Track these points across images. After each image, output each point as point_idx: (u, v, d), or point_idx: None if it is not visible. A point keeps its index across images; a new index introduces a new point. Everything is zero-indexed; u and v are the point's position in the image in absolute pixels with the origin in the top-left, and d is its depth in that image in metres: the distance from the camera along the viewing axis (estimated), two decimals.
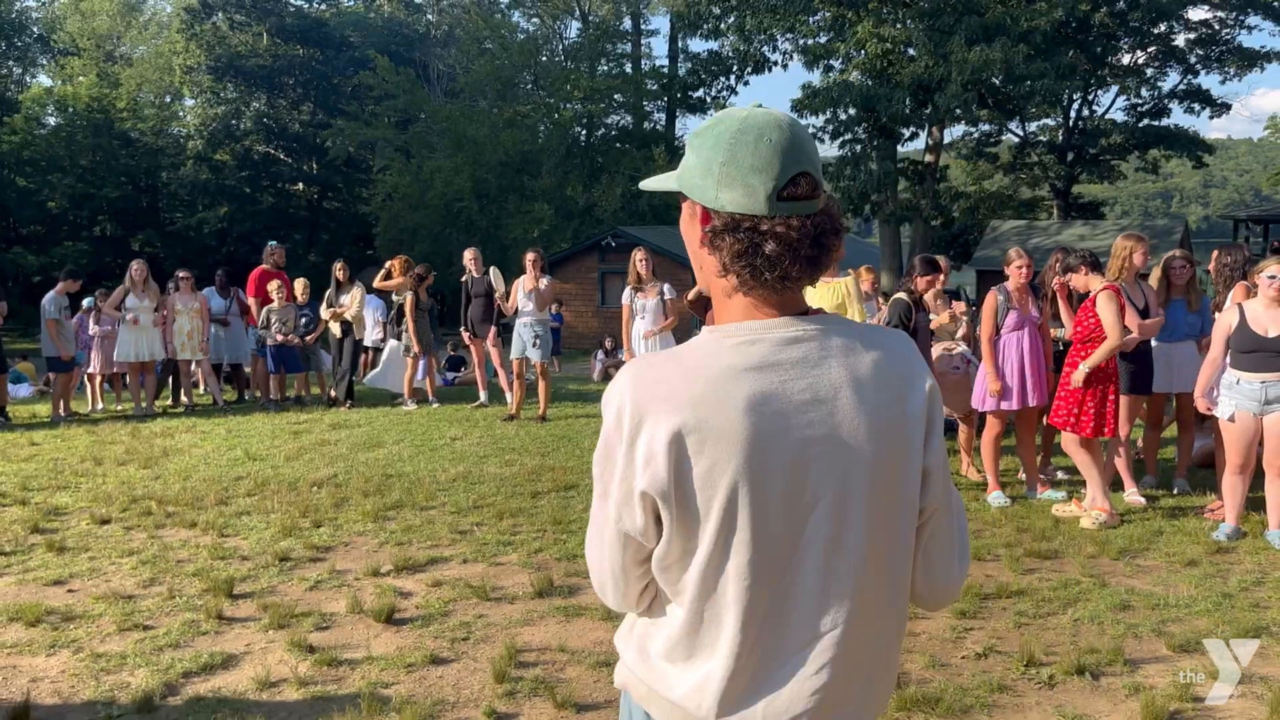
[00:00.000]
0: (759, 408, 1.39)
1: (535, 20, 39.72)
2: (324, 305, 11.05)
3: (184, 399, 11.54)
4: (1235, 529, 5.65)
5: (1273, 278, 5.38)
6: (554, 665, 4.04)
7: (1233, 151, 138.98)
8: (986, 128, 37.31)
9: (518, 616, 4.59)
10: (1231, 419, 5.58)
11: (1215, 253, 6.66)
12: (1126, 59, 35.71)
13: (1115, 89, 34.62)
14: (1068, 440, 6.22)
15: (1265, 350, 5.43)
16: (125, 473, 7.76)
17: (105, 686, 3.89)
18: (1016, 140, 39.80)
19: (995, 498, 6.53)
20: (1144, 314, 6.38)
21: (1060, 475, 7.23)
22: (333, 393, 11.37)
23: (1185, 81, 37.87)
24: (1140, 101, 37.77)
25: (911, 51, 23.10)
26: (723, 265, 1.45)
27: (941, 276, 7.14)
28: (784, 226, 1.40)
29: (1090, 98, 38.19)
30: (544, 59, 34.96)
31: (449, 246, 27.99)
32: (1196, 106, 37.92)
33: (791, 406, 1.41)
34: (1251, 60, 36.44)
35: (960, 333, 7.69)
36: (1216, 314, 6.21)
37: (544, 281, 10.10)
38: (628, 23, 37.96)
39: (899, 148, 27.79)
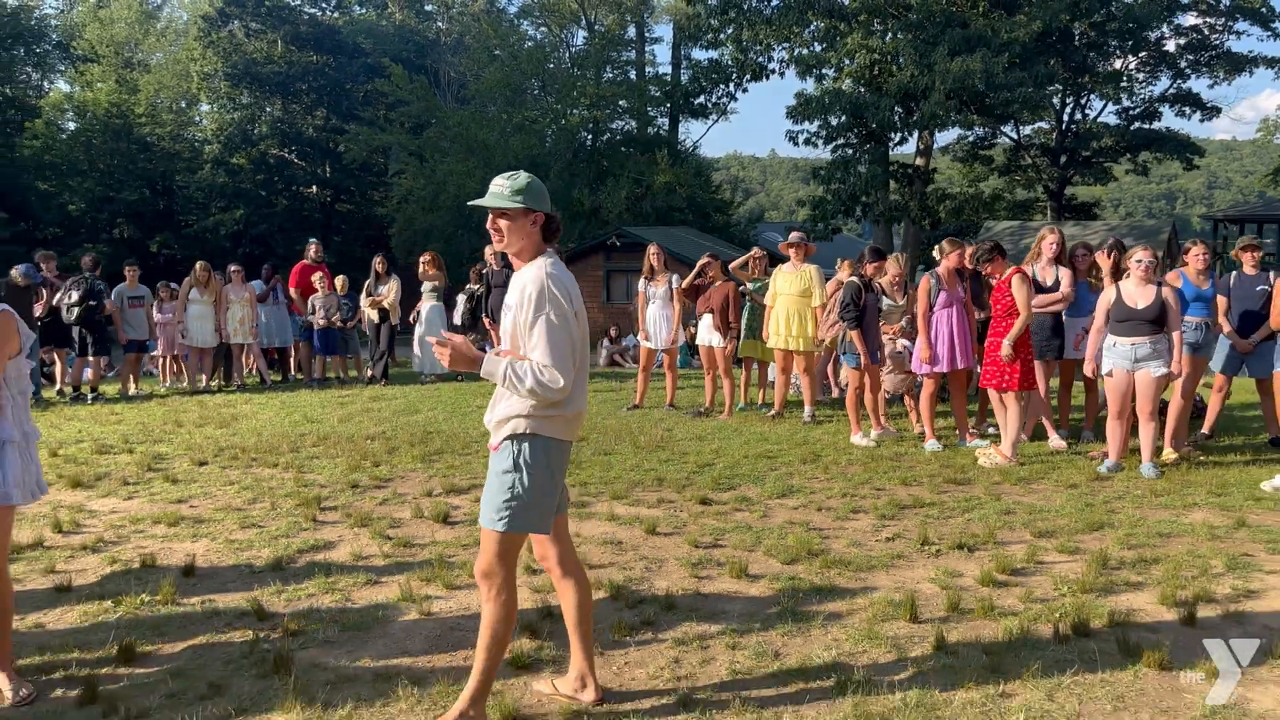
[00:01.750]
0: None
1: (543, 29, 41.12)
2: (364, 295, 12.48)
3: (236, 378, 12.96)
4: (1116, 464, 7.03)
5: (1139, 261, 6.76)
6: (574, 544, 5.43)
7: (1238, 153, 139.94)
8: (980, 131, 38.67)
9: None
10: (1110, 374, 6.97)
11: (1100, 251, 8.00)
12: (1118, 63, 36.97)
13: (1103, 94, 35.89)
14: (994, 397, 7.61)
15: (1135, 319, 6.82)
16: (205, 431, 9.19)
17: (242, 558, 5.30)
18: (1011, 143, 41.14)
19: (930, 445, 7.92)
20: (1053, 290, 7.78)
21: (992, 430, 8.61)
22: (370, 371, 12.79)
23: (1175, 86, 39.20)
24: (1131, 105, 39.09)
25: (901, 60, 24.47)
26: (541, 234, 3.26)
27: (888, 264, 8.54)
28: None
29: (1083, 101, 39.53)
30: (551, 66, 36.28)
31: (460, 247, 29.40)
32: (1187, 110, 39.24)
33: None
34: (1240, 65, 37.70)
35: (905, 315, 9.05)
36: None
37: None
38: (632, 31, 39.34)
39: (893, 151, 29.19)
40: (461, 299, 13.35)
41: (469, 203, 3.43)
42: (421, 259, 13.16)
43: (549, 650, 4.00)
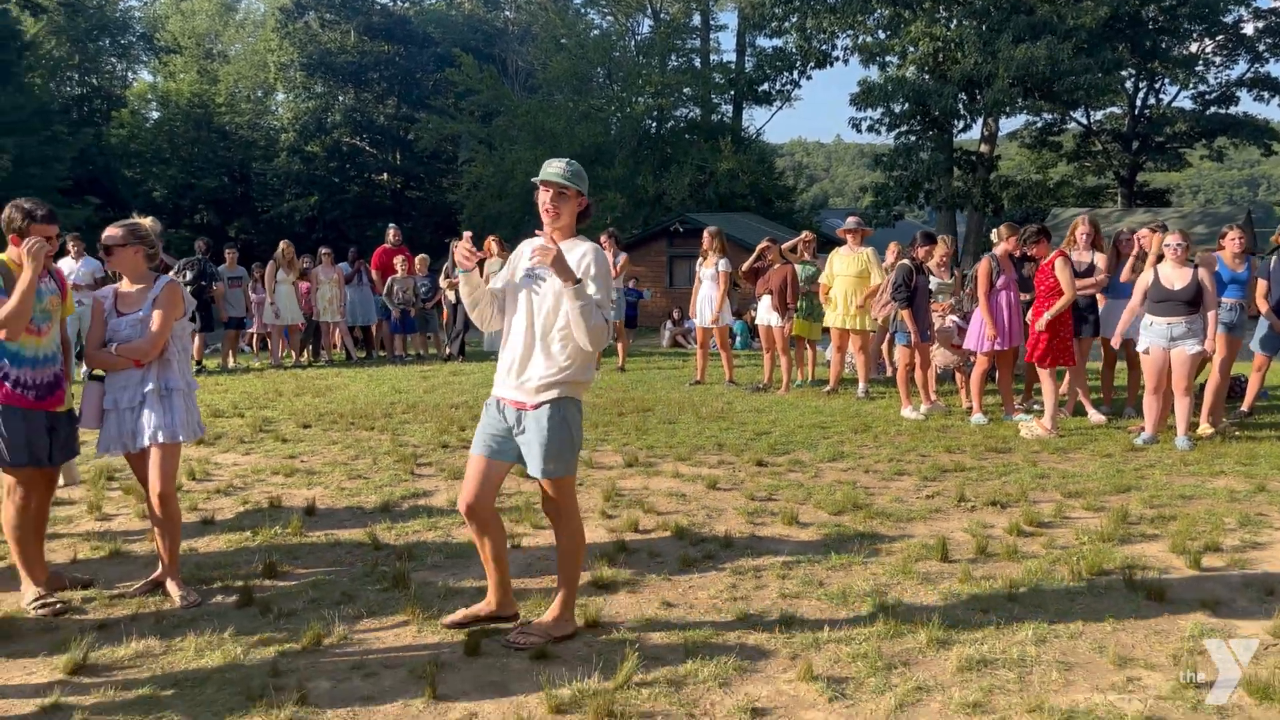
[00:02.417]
0: None
1: (609, 18, 41.70)
2: (441, 276, 13.29)
3: (324, 354, 13.87)
4: (1152, 436, 7.45)
5: (1170, 245, 7.17)
6: (640, 494, 6.10)
7: None
8: (1049, 117, 38.33)
9: (614, 475, 6.65)
10: (1147, 352, 7.39)
11: (1144, 232, 8.36)
12: (1194, 47, 36.35)
13: (1176, 79, 35.35)
14: (1039, 372, 8.07)
15: (1172, 300, 7.23)
16: (304, 400, 10.05)
17: (353, 502, 6.06)
18: (1081, 129, 40.69)
19: (976, 418, 8.41)
20: (1088, 275, 8.21)
21: (1037, 407, 9.05)
22: (448, 349, 13.61)
23: (1253, 69, 38.40)
24: (1207, 90, 38.37)
25: (965, 48, 24.58)
26: (578, 218, 3.85)
27: (939, 248, 9.03)
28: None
29: (1156, 86, 38.94)
30: (617, 55, 36.90)
31: (528, 233, 30.30)
32: (1266, 94, 38.40)
33: None
34: None
35: (954, 295, 9.50)
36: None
37: (621, 257, 12.21)
38: (697, 19, 39.76)
39: (957, 138, 29.27)
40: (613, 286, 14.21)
41: (536, 177, 3.84)
42: (487, 241, 13.90)
43: (624, 575, 4.65)
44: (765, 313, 10.56)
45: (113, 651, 3.88)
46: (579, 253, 3.81)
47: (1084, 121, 39.88)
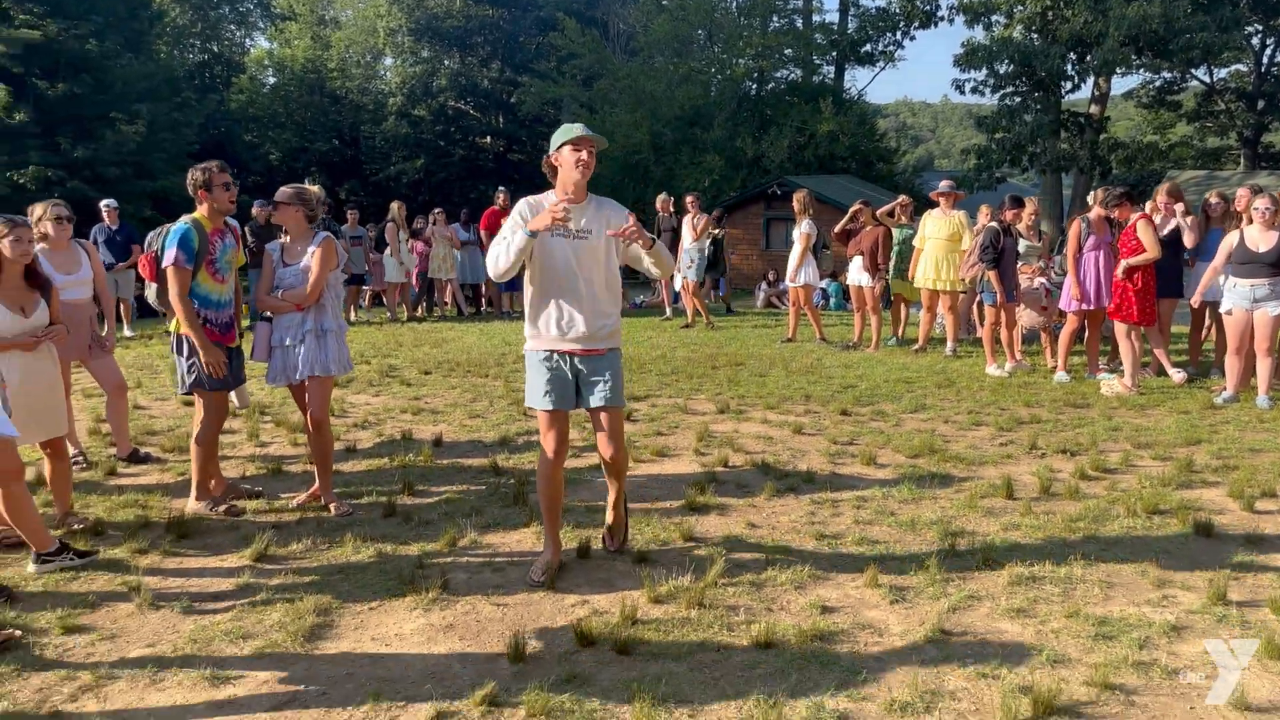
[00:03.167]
0: None
1: None
2: None
3: (438, 310, 14.76)
4: (1232, 395, 7.65)
5: (1258, 209, 7.32)
6: (731, 436, 6.66)
7: None
8: (1168, 76, 36.89)
9: (707, 420, 7.22)
10: (1229, 313, 7.57)
11: (1243, 192, 8.45)
12: None
13: None
14: (1118, 329, 8.31)
15: (1256, 262, 7.39)
16: (423, 350, 10.89)
17: (473, 436, 6.78)
18: (1203, 88, 39.04)
19: (1060, 376, 8.68)
20: (1173, 240, 8.40)
21: (1123, 367, 9.24)
22: None
23: None
24: None
25: (1074, 6, 23.99)
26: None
27: (1027, 210, 9.27)
28: None
29: None
30: (718, 16, 36.90)
31: (626, 195, 30.81)
32: None
33: None
34: None
35: (1041, 256, 9.71)
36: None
37: (700, 218, 12.77)
38: None
39: (1067, 98, 28.59)
40: (706, 243, 14.49)
41: (572, 136, 3.99)
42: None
43: (714, 500, 5.24)
44: (856, 273, 10.92)
45: (286, 546, 4.65)
46: (617, 209, 4.18)
47: (1206, 80, 38.23)
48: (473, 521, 4.93)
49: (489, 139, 48.80)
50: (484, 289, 15.48)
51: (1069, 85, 26.56)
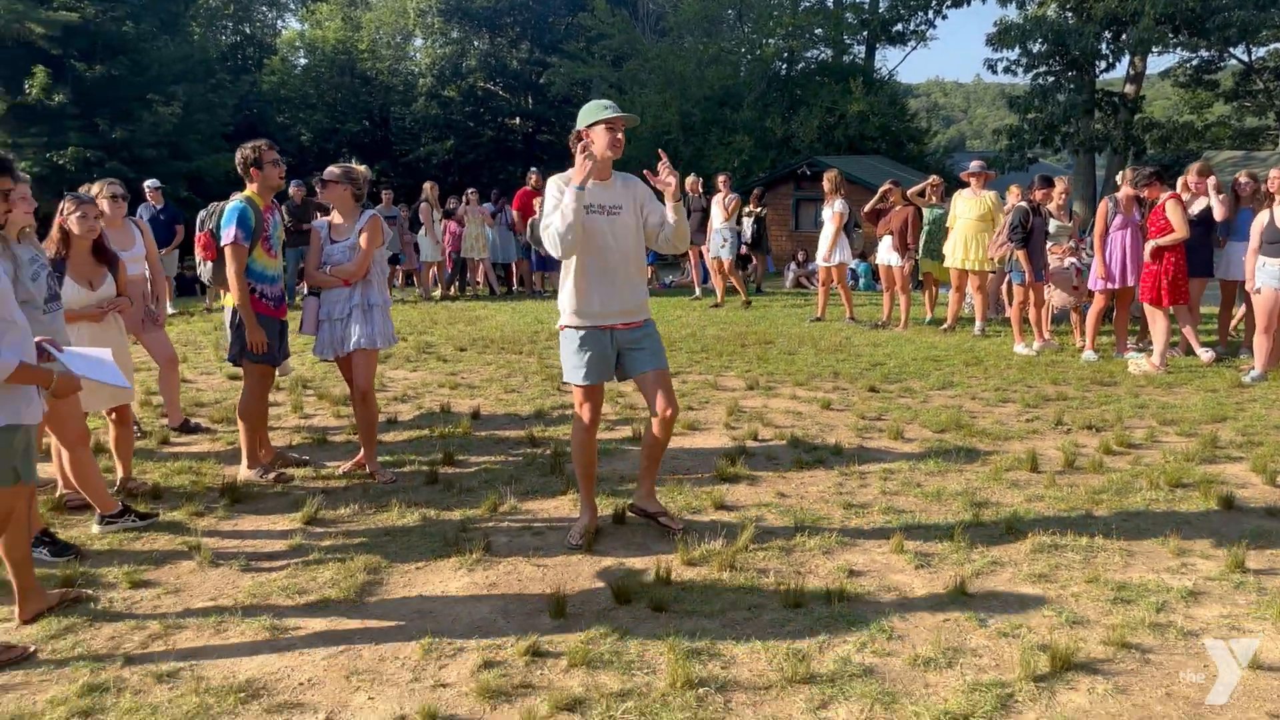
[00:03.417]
0: None
1: None
2: None
3: (470, 289, 14.98)
4: (1260, 374, 7.69)
5: None
6: (760, 411, 6.81)
7: None
8: (1206, 55, 36.35)
9: (736, 396, 7.38)
10: (1259, 291, 7.61)
11: (1275, 172, 8.45)
12: None
13: None
14: (1149, 310, 8.36)
15: None
16: (457, 328, 11.10)
17: (509, 410, 6.97)
18: (1241, 66, 38.43)
19: (1088, 355, 8.75)
20: (1204, 220, 8.42)
21: (1151, 346, 9.28)
22: None
23: None
24: None
25: None
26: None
27: (1057, 190, 9.31)
28: None
29: None
30: None
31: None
32: None
33: None
34: None
35: (1070, 236, 9.75)
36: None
37: (731, 198, 12.85)
38: None
39: (1101, 78, 28.25)
40: (749, 222, 14.87)
41: (604, 116, 4.08)
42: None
43: (744, 471, 5.40)
44: (885, 253, 11.00)
45: (335, 510, 4.87)
46: (639, 184, 4.33)
47: (1244, 58, 37.62)
48: (512, 489, 5.13)
49: (518, 120, 48.89)
50: (515, 268, 15.68)
51: (1103, 64, 26.27)
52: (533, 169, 15.60)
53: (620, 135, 4.17)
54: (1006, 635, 3.46)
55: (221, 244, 4.96)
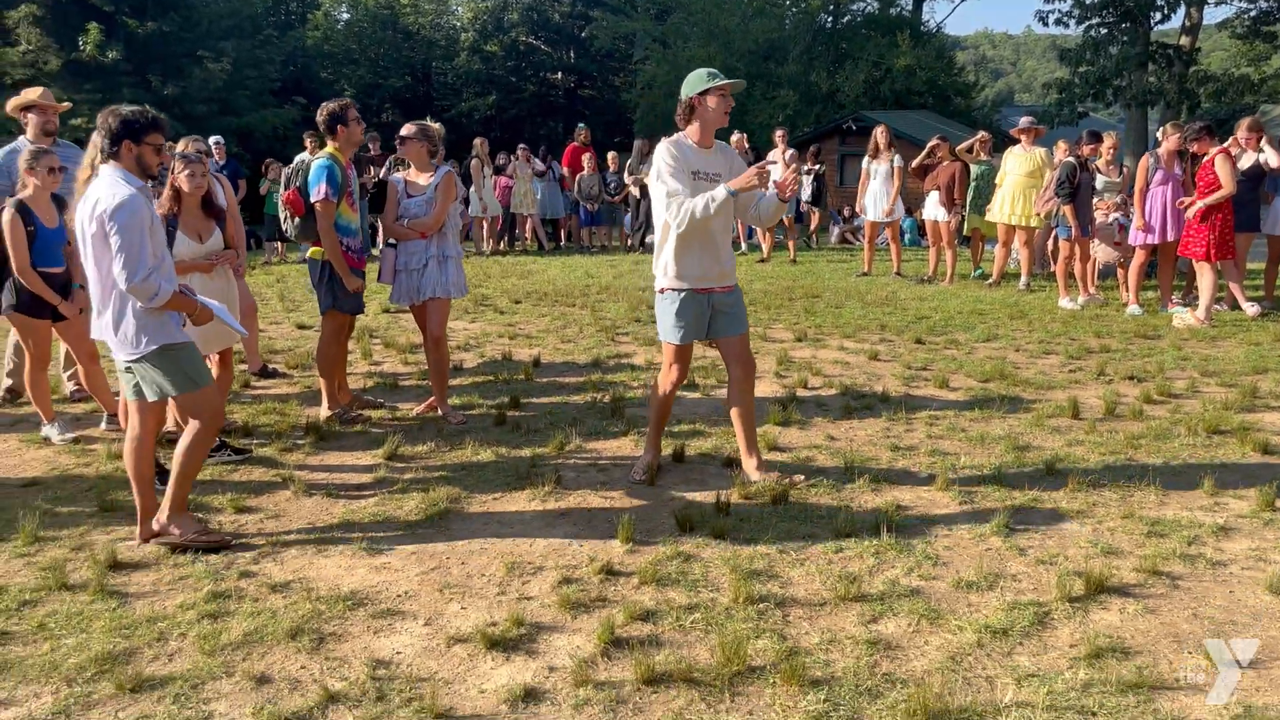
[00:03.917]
0: None
1: None
2: (626, 173, 14.36)
3: (519, 244, 15.28)
4: None
5: None
6: (809, 361, 7.07)
7: None
8: (1266, 4, 35.37)
9: (785, 347, 7.63)
10: None
11: None
12: None
13: None
14: (1196, 265, 8.45)
15: None
16: (510, 281, 11.43)
17: (567, 358, 7.29)
18: None
19: (1132, 309, 8.87)
20: (1255, 175, 8.45)
21: (1197, 301, 9.37)
22: (630, 240, 14.76)
23: None
24: None
25: None
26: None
27: (1105, 145, 9.37)
28: None
29: None
30: None
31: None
32: None
33: None
34: None
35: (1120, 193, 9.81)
36: None
37: (789, 153, 12.98)
38: None
39: (1156, 28, 27.68)
40: (808, 179, 15.04)
41: (721, 81, 4.25)
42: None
43: (795, 416, 5.68)
44: (932, 208, 11.11)
45: (413, 448, 5.23)
46: (734, 153, 4.58)
47: None
48: (576, 430, 5.45)
49: (560, 75, 48.79)
50: (563, 223, 15.94)
51: (1158, 15, 25.75)
52: (581, 125, 15.79)
53: (731, 100, 4.29)
54: (1044, 563, 3.72)
55: (311, 200, 5.27)
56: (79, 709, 2.86)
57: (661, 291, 4.56)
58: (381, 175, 13.97)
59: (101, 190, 3.73)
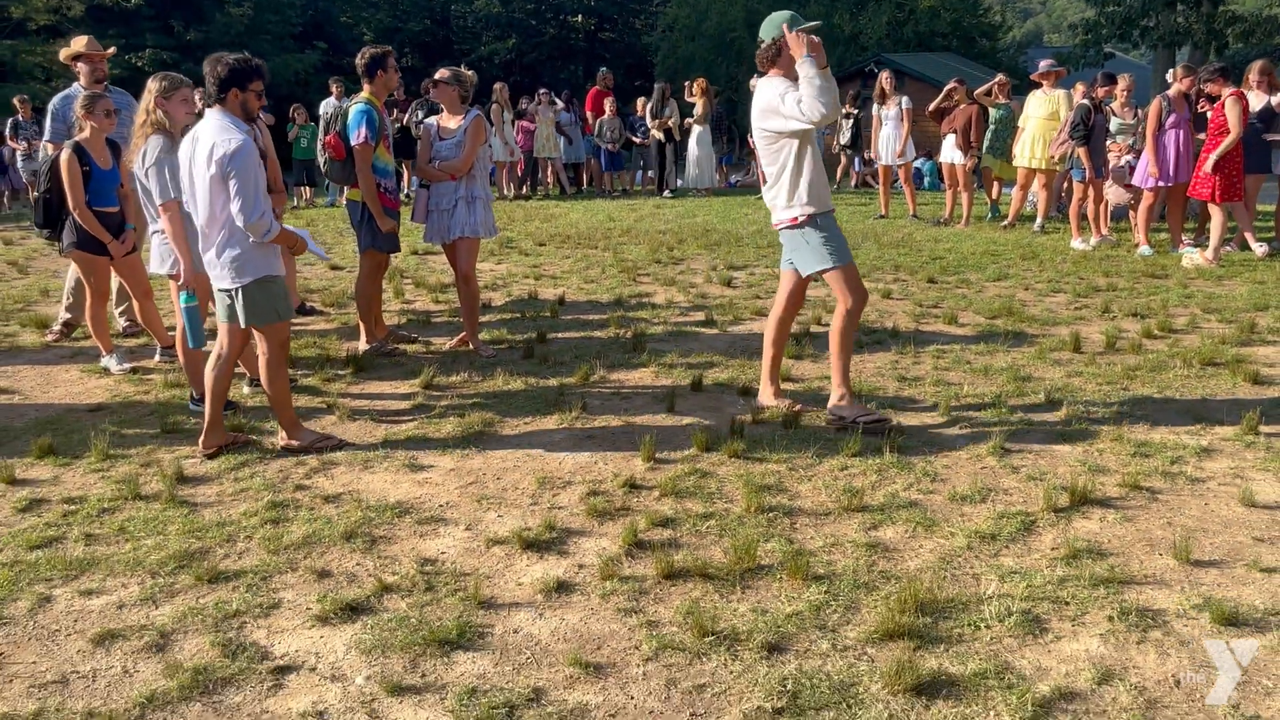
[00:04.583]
0: None
1: None
2: (649, 117, 14.50)
3: (542, 189, 15.50)
4: None
5: None
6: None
7: None
8: None
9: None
10: None
11: None
12: None
13: None
14: (1209, 206, 8.60)
15: None
16: (533, 224, 11.70)
17: (591, 297, 7.59)
18: None
19: (1143, 250, 9.05)
20: (1266, 118, 8.54)
21: (1206, 242, 9.53)
22: (657, 185, 14.96)
23: None
24: None
25: None
26: None
27: (1120, 87, 9.47)
28: None
29: None
30: None
31: (718, 75, 30.66)
32: None
33: None
34: None
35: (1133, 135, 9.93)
36: None
37: None
38: None
39: None
40: (847, 124, 15.05)
41: (812, 22, 4.35)
42: (697, 84, 14.89)
43: (808, 350, 5.97)
44: (949, 150, 11.25)
45: (448, 378, 5.57)
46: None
47: None
48: (600, 362, 5.77)
49: (580, 17, 48.33)
50: (585, 168, 16.13)
51: None
52: (603, 69, 15.90)
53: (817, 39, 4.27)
54: (1034, 479, 4.03)
55: (351, 144, 5.55)
56: (164, 596, 3.24)
57: (801, 224, 4.53)
58: (405, 121, 14.19)
59: (216, 135, 4.04)
